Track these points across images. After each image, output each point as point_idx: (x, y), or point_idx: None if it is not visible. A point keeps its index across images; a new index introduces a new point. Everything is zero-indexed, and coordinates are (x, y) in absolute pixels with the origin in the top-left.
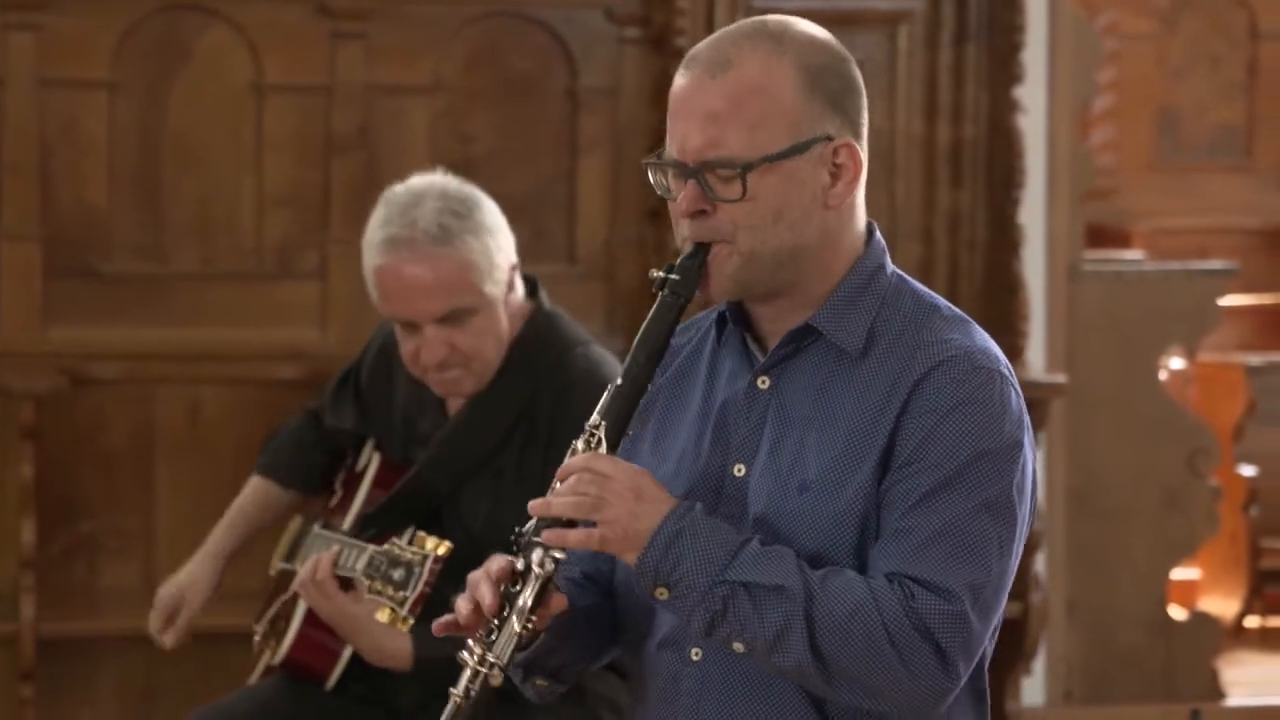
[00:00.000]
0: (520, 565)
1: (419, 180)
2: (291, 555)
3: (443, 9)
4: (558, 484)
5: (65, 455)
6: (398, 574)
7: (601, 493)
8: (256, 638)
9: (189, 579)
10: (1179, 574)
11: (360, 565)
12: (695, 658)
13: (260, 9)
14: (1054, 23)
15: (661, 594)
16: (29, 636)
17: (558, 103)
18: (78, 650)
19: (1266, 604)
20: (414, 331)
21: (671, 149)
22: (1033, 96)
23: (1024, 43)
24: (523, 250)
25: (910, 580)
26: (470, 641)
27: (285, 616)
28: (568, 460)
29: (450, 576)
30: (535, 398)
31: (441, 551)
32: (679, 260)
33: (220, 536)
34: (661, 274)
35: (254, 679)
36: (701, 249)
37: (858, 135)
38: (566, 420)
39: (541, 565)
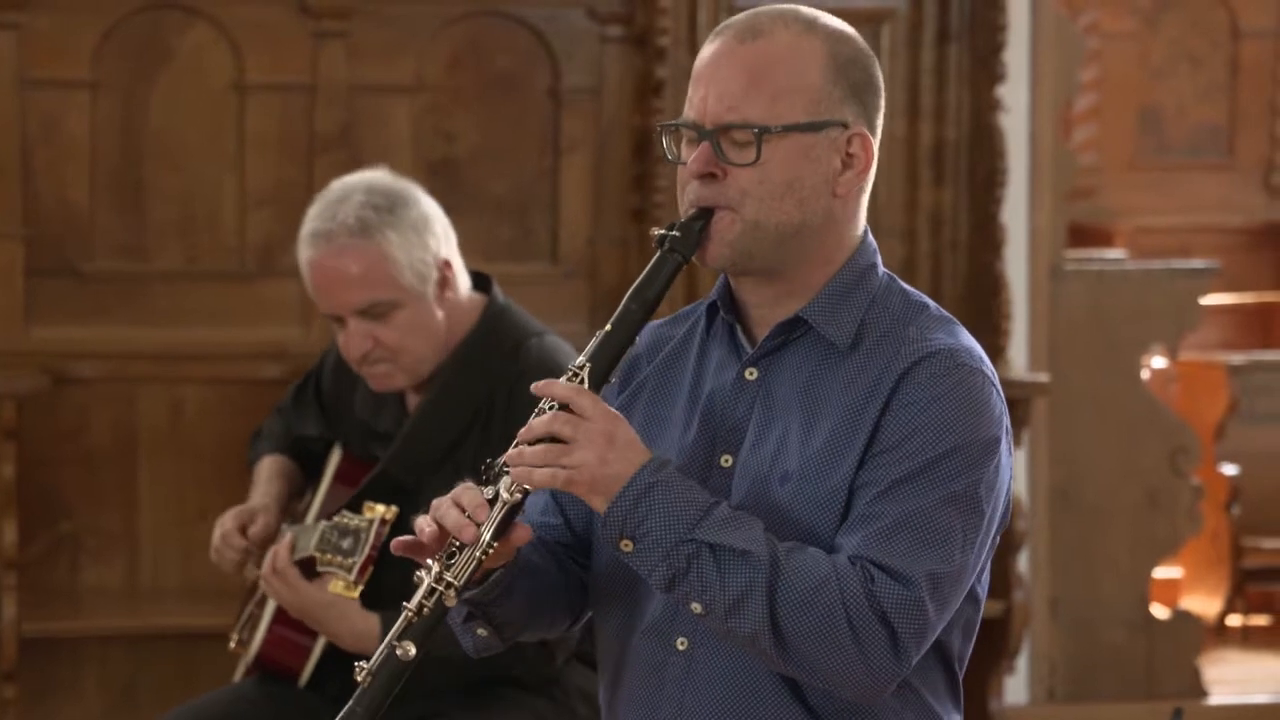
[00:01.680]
0: (489, 494)
1: (354, 176)
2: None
3: (425, 8)
4: (533, 416)
5: (47, 455)
6: (346, 542)
7: (575, 434)
8: (232, 644)
9: (259, 502)
10: (1161, 573)
11: (313, 542)
12: (681, 646)
13: (242, 8)
14: (1036, 22)
15: (626, 546)
16: (11, 636)
17: (540, 102)
18: (60, 650)
19: (1248, 602)
20: (341, 325)
21: (689, 112)
22: (1015, 96)
23: (1006, 42)
24: (505, 249)
25: (872, 564)
26: (429, 560)
27: (258, 616)
28: (547, 383)
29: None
30: (491, 390)
31: (389, 516)
32: (682, 219)
33: (265, 489)
34: (663, 231)
35: (236, 681)
36: (705, 212)
37: (873, 130)
38: (519, 411)
39: (510, 492)
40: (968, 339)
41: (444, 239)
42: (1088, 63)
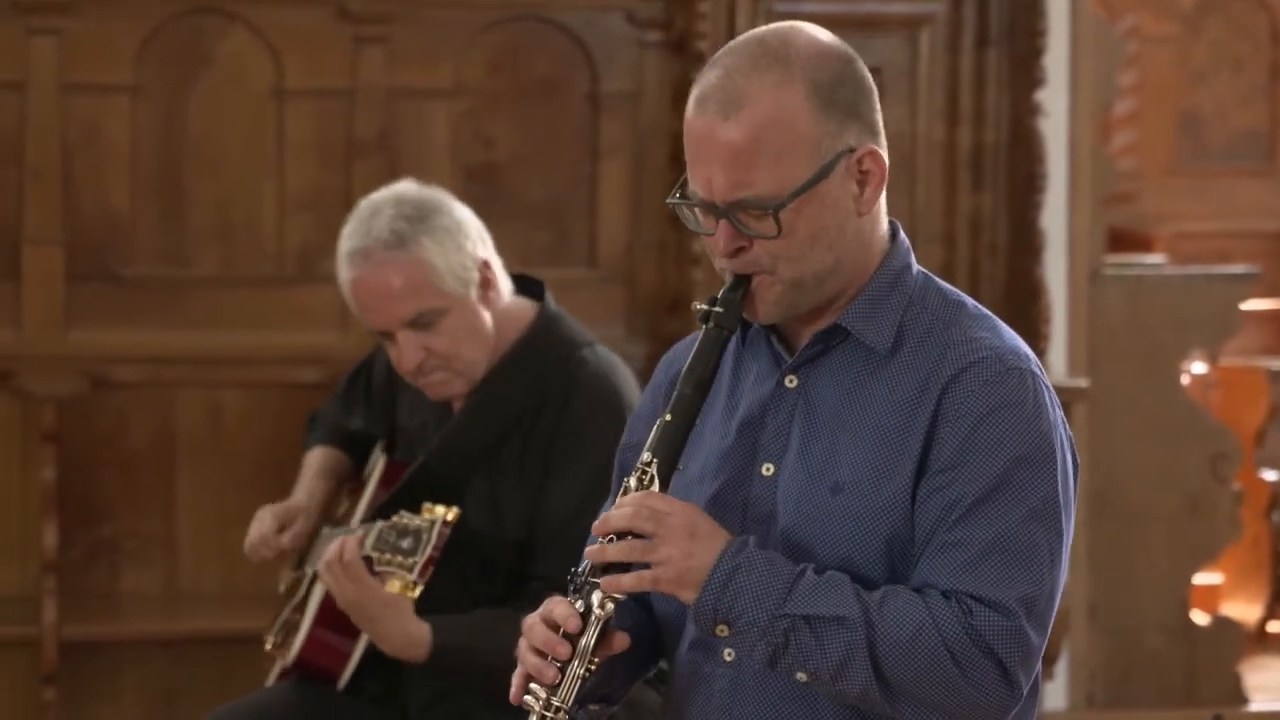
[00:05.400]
0: (580, 608)
1: (383, 191)
2: (300, 563)
3: (464, 13)
4: (613, 510)
5: (86, 459)
6: (406, 542)
7: (656, 529)
8: (268, 646)
9: (301, 503)
10: (1201, 579)
11: (370, 542)
12: (728, 658)
13: (281, 13)
14: (1076, 26)
15: (722, 631)
16: (51, 640)
17: (579, 107)
18: (99, 653)
19: None
20: (391, 340)
21: (697, 188)
22: (1054, 100)
23: (1045, 46)
24: (544, 254)
25: (967, 597)
26: (533, 686)
27: (296, 620)
28: (620, 498)
29: (454, 569)
30: (542, 396)
31: (450, 517)
32: (721, 292)
33: (309, 488)
34: (705, 306)
35: (269, 684)
36: (743, 280)
37: (876, 135)
38: (571, 421)
39: (601, 607)
40: (1011, 336)
41: (479, 241)
42: (1127, 67)
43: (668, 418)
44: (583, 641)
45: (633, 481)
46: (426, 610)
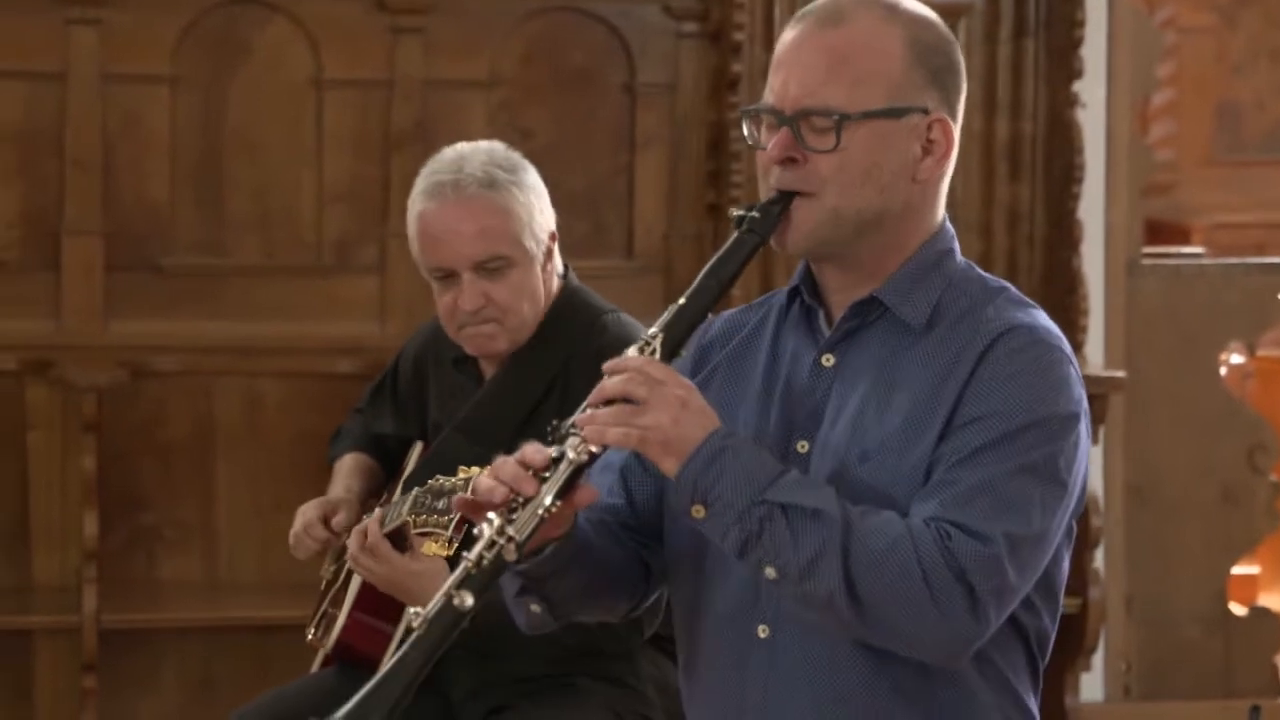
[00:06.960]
0: (554, 453)
1: (468, 144)
2: (341, 554)
3: (500, 4)
4: (607, 378)
5: (126, 448)
6: (441, 503)
7: (649, 395)
8: (309, 637)
9: (341, 495)
10: (1238, 570)
11: (405, 509)
12: (762, 634)
13: (320, 4)
14: (1114, 17)
15: (698, 512)
16: (91, 628)
17: (615, 98)
18: (139, 641)
19: None
20: (451, 282)
21: (769, 97)
22: (1092, 91)
23: (1083, 37)
24: (580, 244)
25: (948, 523)
26: (491, 514)
27: (336, 607)
28: (620, 358)
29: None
30: (569, 363)
31: None
32: (761, 202)
33: (346, 484)
34: (741, 212)
35: (313, 672)
36: (786, 196)
37: (954, 116)
38: (594, 384)
39: (577, 452)
40: (1045, 320)
41: (550, 212)
42: (1165, 58)
43: (683, 301)
44: (550, 480)
45: (634, 350)
46: None
